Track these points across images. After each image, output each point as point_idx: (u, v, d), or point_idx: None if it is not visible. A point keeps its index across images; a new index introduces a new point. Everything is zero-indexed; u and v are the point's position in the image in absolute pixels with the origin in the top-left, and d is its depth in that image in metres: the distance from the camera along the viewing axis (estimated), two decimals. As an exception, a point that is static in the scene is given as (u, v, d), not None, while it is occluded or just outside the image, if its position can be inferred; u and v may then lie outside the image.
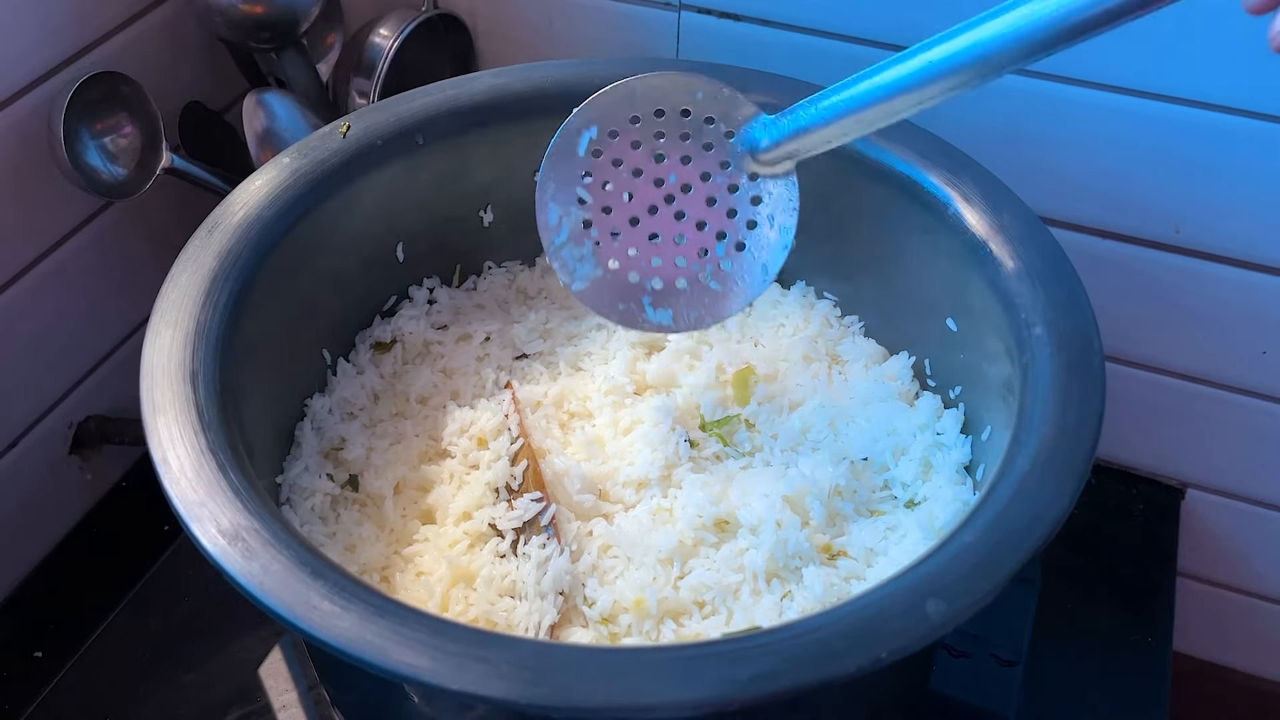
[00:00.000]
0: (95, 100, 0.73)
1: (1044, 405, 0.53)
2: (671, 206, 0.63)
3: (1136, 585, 0.82)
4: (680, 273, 0.63)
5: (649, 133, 0.62)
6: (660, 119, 0.62)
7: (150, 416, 0.52)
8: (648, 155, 0.62)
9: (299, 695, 0.71)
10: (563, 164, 0.62)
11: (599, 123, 0.62)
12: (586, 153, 0.62)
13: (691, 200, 0.62)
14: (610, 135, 0.62)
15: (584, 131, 0.62)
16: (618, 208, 0.63)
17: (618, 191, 0.62)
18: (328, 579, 0.46)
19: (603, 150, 0.62)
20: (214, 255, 0.60)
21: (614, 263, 0.63)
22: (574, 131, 0.62)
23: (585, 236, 0.63)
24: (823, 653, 0.44)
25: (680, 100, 0.61)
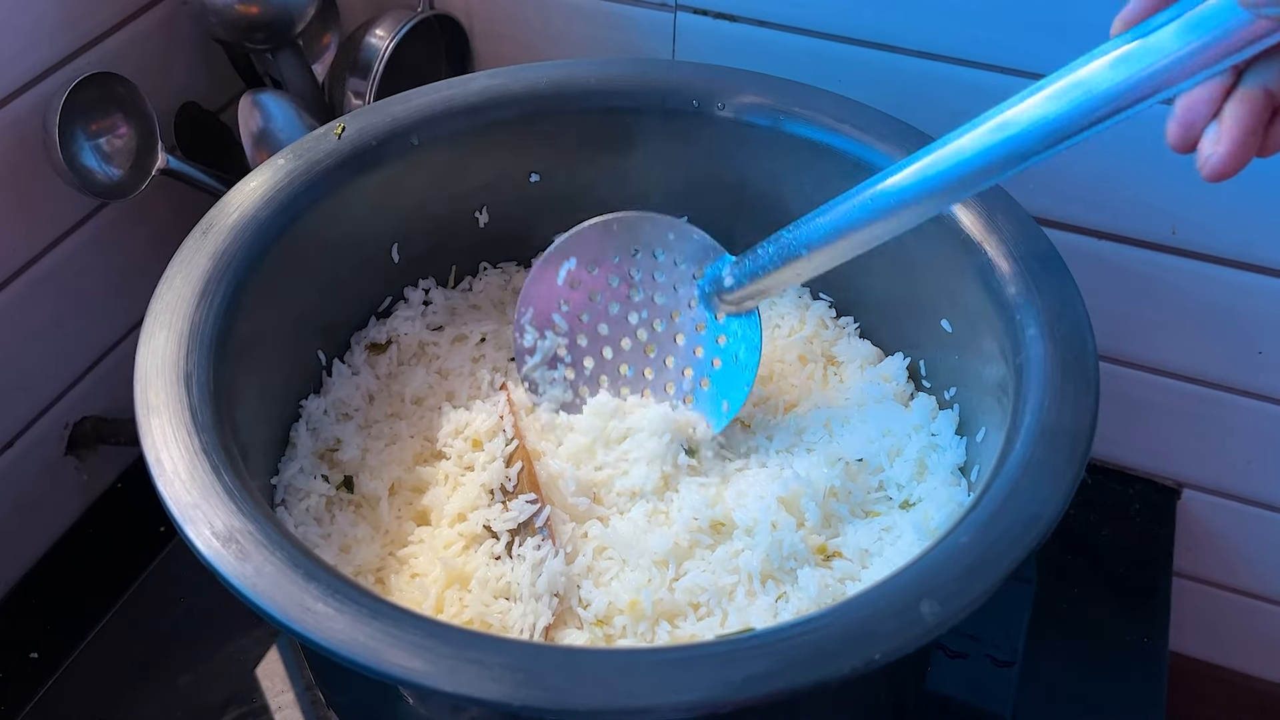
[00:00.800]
0: (90, 101, 0.73)
1: (1038, 406, 0.53)
2: (641, 342, 0.67)
3: (1133, 585, 0.82)
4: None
5: (625, 269, 0.66)
6: (635, 256, 0.66)
7: (144, 418, 0.52)
8: (623, 291, 0.67)
9: (295, 696, 0.71)
10: (542, 291, 0.67)
11: (578, 254, 0.66)
12: (565, 283, 0.67)
13: (661, 337, 0.67)
14: (588, 268, 0.65)
15: (564, 262, 0.66)
16: (591, 339, 0.67)
17: (593, 323, 0.67)
18: (322, 581, 0.46)
19: (580, 282, 0.66)
20: (209, 256, 0.60)
21: (585, 391, 0.67)
22: (555, 260, 0.66)
23: (559, 362, 0.67)
24: (817, 654, 0.44)
25: (654, 240, 0.66)
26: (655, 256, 0.66)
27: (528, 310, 0.67)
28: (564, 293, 0.67)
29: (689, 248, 0.65)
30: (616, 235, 0.66)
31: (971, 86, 0.74)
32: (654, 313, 0.67)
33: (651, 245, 0.66)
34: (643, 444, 0.64)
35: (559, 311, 0.67)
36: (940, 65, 0.75)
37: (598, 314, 0.67)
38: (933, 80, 0.75)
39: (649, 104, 0.72)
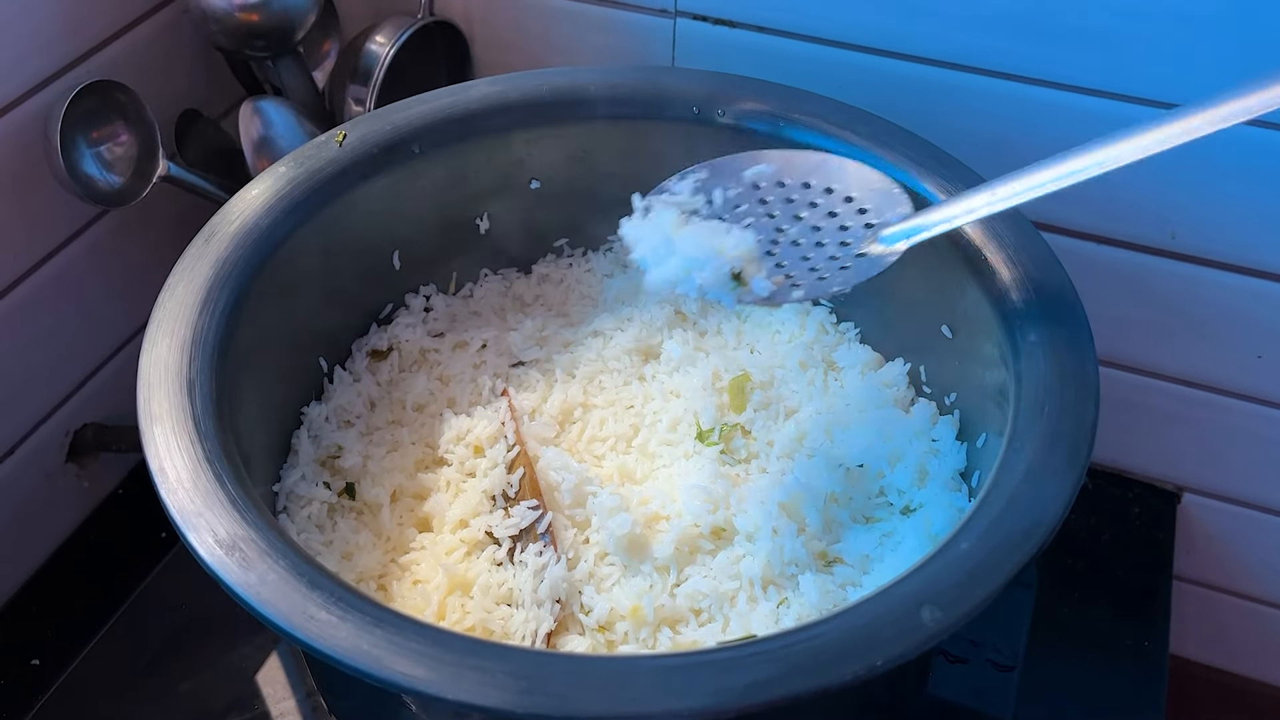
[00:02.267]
0: (92, 109, 0.73)
1: (1038, 411, 0.53)
2: (788, 236, 0.61)
3: (1133, 589, 0.82)
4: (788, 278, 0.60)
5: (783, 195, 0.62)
6: (807, 190, 0.62)
7: (147, 426, 0.52)
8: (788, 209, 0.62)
9: (296, 703, 0.71)
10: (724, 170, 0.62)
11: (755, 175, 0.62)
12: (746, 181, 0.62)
13: (805, 236, 0.61)
14: (754, 186, 0.62)
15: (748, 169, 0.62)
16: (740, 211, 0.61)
17: (750, 209, 0.62)
18: (324, 588, 0.46)
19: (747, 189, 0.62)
20: (210, 264, 0.60)
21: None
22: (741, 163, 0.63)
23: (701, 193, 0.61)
24: (819, 660, 0.44)
25: (830, 179, 0.62)
26: (826, 193, 0.61)
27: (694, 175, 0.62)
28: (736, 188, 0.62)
29: (868, 195, 0.60)
30: (794, 169, 0.62)
31: (971, 92, 0.75)
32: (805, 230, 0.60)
33: (824, 183, 0.61)
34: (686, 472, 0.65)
35: (715, 196, 0.61)
36: (939, 71, 0.75)
37: (754, 212, 0.61)
38: (932, 86, 0.75)
39: (649, 110, 0.72)
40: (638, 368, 0.71)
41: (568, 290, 0.77)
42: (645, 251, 0.59)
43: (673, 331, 0.73)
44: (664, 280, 0.58)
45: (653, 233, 0.59)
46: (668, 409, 0.67)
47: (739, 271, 0.58)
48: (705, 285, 0.57)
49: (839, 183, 0.61)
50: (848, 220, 0.60)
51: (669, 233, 0.58)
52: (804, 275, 0.58)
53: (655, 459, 0.66)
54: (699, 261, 0.57)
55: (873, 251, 0.58)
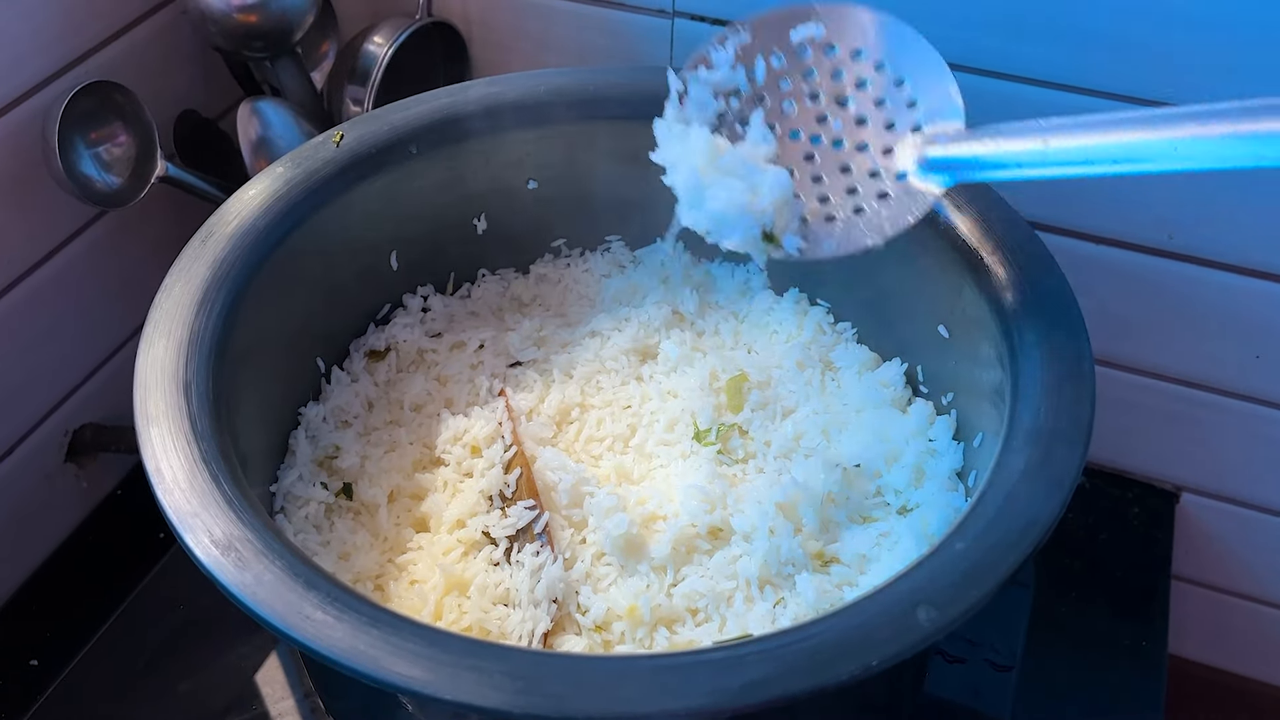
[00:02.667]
0: (90, 109, 0.73)
1: (1035, 411, 0.53)
2: (829, 132, 0.57)
3: (1131, 589, 0.82)
4: (823, 205, 0.56)
5: (827, 64, 0.57)
6: (856, 61, 0.56)
7: (144, 427, 0.52)
8: (824, 77, 0.57)
9: (295, 703, 0.71)
10: (765, 34, 0.57)
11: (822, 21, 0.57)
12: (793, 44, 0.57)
13: (848, 134, 0.56)
14: (799, 52, 0.57)
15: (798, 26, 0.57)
16: (774, 103, 0.57)
17: (787, 94, 0.57)
18: (321, 589, 0.46)
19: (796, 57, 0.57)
20: (208, 264, 0.60)
21: (744, 126, 0.58)
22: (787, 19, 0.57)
23: (729, 96, 0.58)
24: (815, 660, 0.44)
25: (880, 50, 0.56)
26: (876, 70, 0.56)
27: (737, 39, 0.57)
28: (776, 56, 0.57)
29: (921, 84, 0.55)
30: (848, 30, 0.56)
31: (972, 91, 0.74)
32: (844, 114, 0.56)
33: (875, 56, 0.56)
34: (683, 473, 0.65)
35: (757, 68, 0.56)
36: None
37: (796, 92, 0.56)
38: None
39: (647, 110, 0.71)
40: (635, 368, 0.71)
41: (565, 291, 0.77)
42: (678, 182, 0.57)
43: (670, 332, 0.73)
44: (695, 226, 0.56)
45: (684, 161, 0.56)
46: (665, 409, 0.67)
47: (770, 231, 0.55)
48: (735, 248, 0.56)
49: (892, 58, 0.55)
50: (894, 114, 0.55)
51: (700, 172, 0.55)
52: (840, 198, 0.54)
53: (652, 459, 0.66)
54: (730, 222, 0.55)
55: (913, 177, 0.53)
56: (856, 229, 0.54)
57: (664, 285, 0.75)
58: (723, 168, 0.55)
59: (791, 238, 0.54)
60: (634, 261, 0.77)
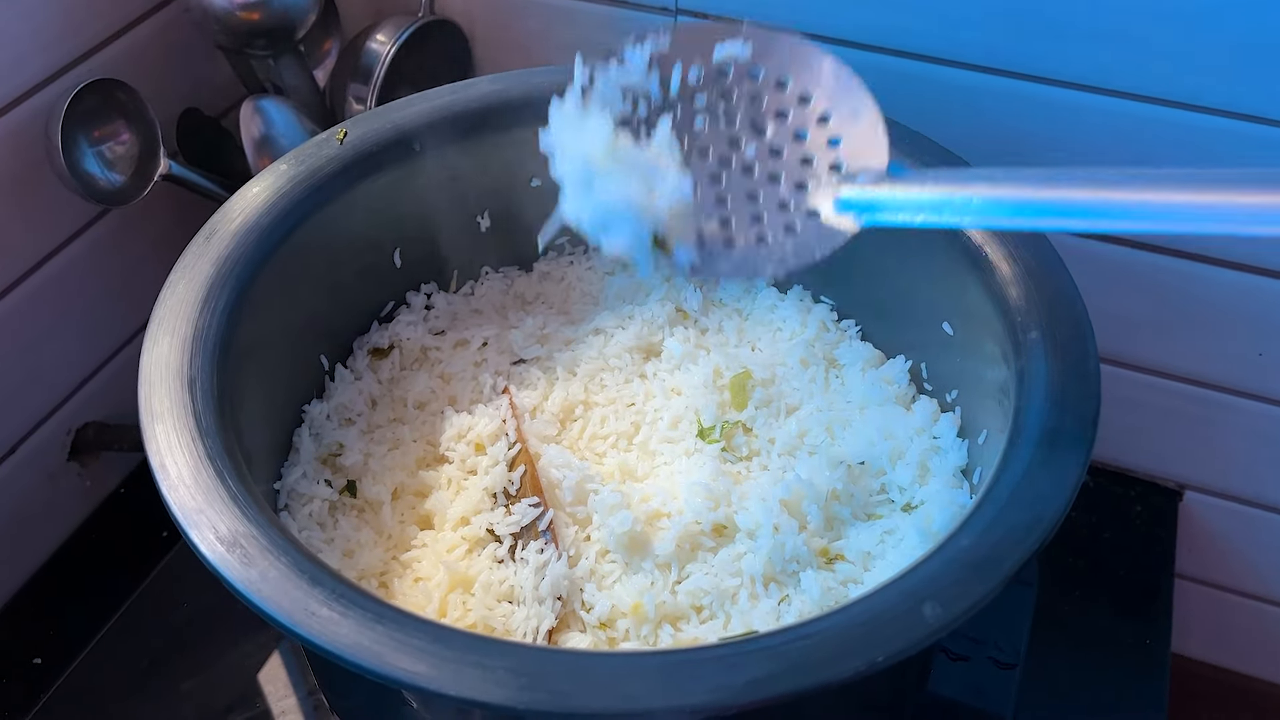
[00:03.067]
0: (93, 107, 0.73)
1: (1040, 409, 0.53)
2: (740, 157, 0.53)
3: (1134, 587, 0.82)
4: (723, 228, 0.52)
5: (747, 91, 0.53)
6: (780, 91, 0.52)
7: (148, 423, 0.52)
8: (744, 112, 0.53)
9: (298, 701, 0.71)
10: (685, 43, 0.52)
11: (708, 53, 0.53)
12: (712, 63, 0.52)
13: (760, 162, 0.52)
14: (720, 71, 0.53)
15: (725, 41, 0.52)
16: (685, 114, 0.53)
17: (703, 109, 0.53)
18: (326, 585, 0.46)
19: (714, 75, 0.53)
20: (211, 262, 0.60)
21: (652, 124, 0.53)
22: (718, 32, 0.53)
23: (635, 98, 0.53)
24: (820, 657, 0.44)
25: (809, 82, 0.52)
26: (800, 103, 0.51)
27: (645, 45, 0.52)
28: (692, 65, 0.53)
29: (847, 120, 0.51)
30: (772, 56, 0.52)
31: (976, 90, 0.75)
32: (761, 143, 0.52)
33: (802, 88, 0.51)
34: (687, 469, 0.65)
35: (673, 77, 0.52)
36: (941, 69, 0.75)
37: (710, 110, 0.52)
38: (933, 84, 0.75)
39: (650, 108, 0.72)
40: (639, 365, 0.71)
41: (569, 288, 0.77)
42: (566, 171, 0.51)
43: (674, 329, 0.73)
44: (578, 220, 0.51)
45: (576, 148, 0.50)
46: (669, 406, 0.67)
47: (663, 237, 0.50)
48: (619, 250, 0.50)
49: (819, 90, 0.51)
50: (814, 149, 0.51)
51: (593, 160, 0.50)
52: (744, 225, 0.50)
53: (656, 456, 0.66)
54: (617, 218, 0.50)
55: (826, 215, 0.49)
56: (757, 256, 0.51)
57: (667, 282, 0.75)
58: (620, 159, 0.51)
59: (684, 248, 0.50)
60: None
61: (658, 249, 0.51)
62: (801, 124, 0.51)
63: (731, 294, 0.75)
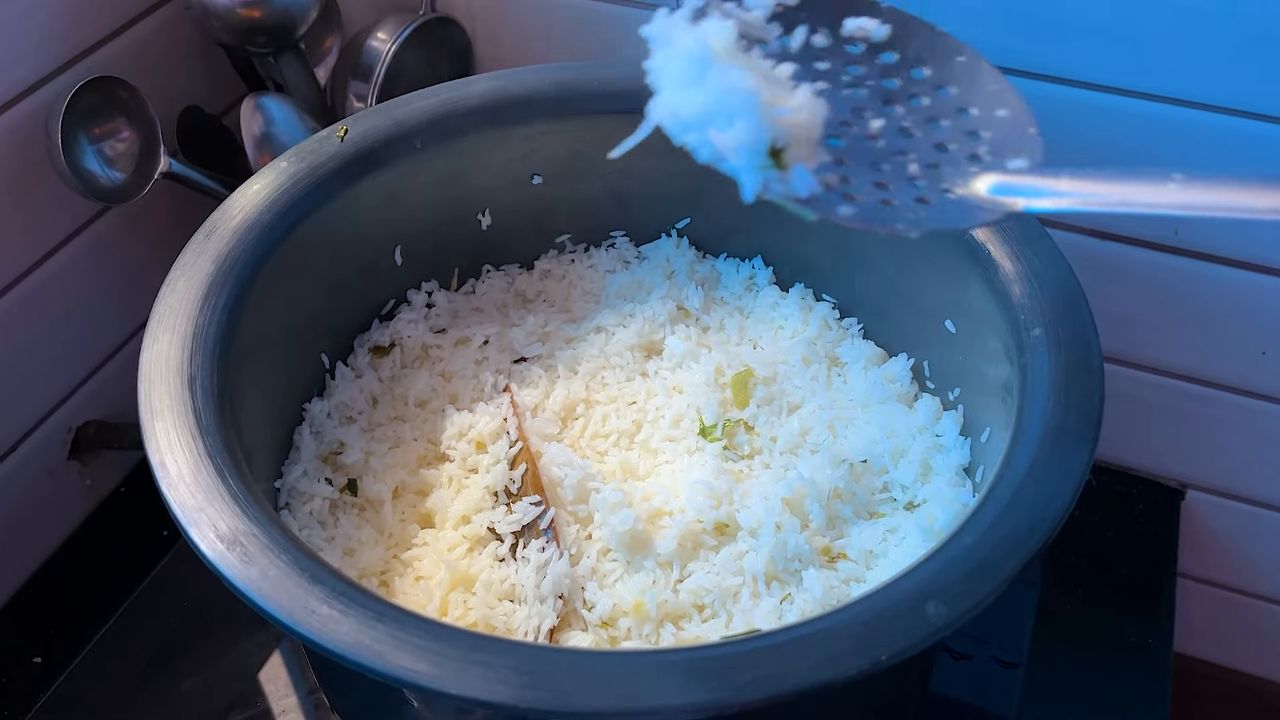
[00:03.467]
0: (93, 105, 0.73)
1: (1043, 407, 0.53)
2: (864, 127, 0.46)
3: (1137, 586, 0.82)
4: (843, 183, 0.44)
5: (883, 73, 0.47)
6: (914, 79, 0.46)
7: (148, 421, 0.52)
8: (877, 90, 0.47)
9: (298, 700, 0.71)
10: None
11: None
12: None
13: (885, 137, 0.46)
14: (848, 43, 0.46)
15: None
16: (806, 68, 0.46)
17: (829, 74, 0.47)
18: (326, 584, 0.46)
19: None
20: (212, 259, 0.60)
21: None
22: None
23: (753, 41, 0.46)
24: (822, 655, 0.44)
25: (947, 74, 0.47)
26: (936, 89, 0.46)
27: None
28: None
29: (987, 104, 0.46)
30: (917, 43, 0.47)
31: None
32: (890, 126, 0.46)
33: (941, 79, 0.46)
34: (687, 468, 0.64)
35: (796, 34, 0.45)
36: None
37: (835, 75, 0.45)
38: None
39: (652, 106, 0.72)
40: (640, 364, 0.71)
41: (570, 286, 0.76)
42: (667, 63, 0.43)
43: (675, 327, 0.72)
44: (672, 114, 0.42)
45: (688, 43, 0.42)
46: (670, 405, 0.67)
47: (781, 148, 0.42)
48: (725, 149, 0.41)
49: (960, 85, 0.46)
50: (951, 138, 0.45)
51: (710, 52, 0.42)
52: (865, 189, 0.43)
53: (658, 455, 0.66)
54: (731, 110, 0.41)
55: (969, 195, 0.43)
56: (884, 212, 0.44)
57: (669, 281, 0.75)
58: (742, 60, 0.42)
59: (804, 172, 0.41)
60: (638, 257, 0.77)
61: (772, 161, 0.42)
62: (938, 112, 0.46)
63: (733, 292, 0.75)
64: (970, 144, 0.45)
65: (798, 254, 0.75)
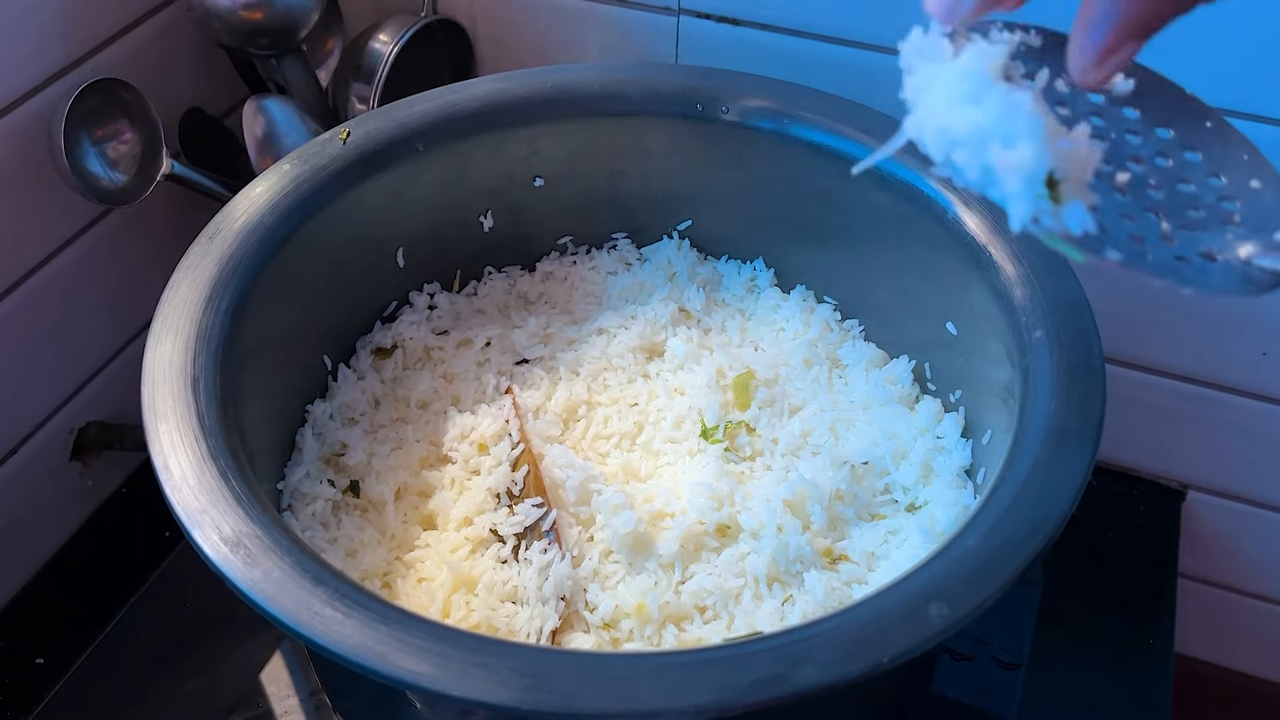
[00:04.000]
0: (95, 107, 0.73)
1: (1045, 408, 0.53)
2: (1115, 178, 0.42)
3: (1138, 587, 0.82)
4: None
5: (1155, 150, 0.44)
6: (1160, 136, 0.45)
7: (152, 423, 0.52)
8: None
9: (300, 701, 0.71)
10: None
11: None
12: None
13: (1134, 192, 0.43)
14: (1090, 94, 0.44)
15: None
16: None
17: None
18: (329, 585, 0.46)
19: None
20: (215, 261, 0.60)
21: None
22: None
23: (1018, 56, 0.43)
24: (824, 658, 0.44)
25: (1194, 137, 0.45)
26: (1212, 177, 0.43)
27: None
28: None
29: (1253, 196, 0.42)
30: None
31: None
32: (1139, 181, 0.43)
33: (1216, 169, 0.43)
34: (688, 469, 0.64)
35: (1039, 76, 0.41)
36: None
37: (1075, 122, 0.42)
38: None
39: (653, 108, 0.72)
40: (642, 365, 0.71)
41: (572, 288, 0.77)
42: (937, 78, 0.40)
43: (677, 329, 0.72)
44: (941, 130, 0.39)
45: (966, 60, 0.40)
46: (672, 406, 0.67)
47: (1058, 180, 0.39)
48: (1003, 170, 0.38)
49: (1206, 151, 0.44)
50: (1200, 203, 0.42)
51: (985, 71, 0.39)
52: (1123, 238, 0.41)
53: (659, 456, 0.66)
54: (1015, 132, 0.38)
55: (1234, 260, 0.40)
56: (1146, 261, 0.41)
57: (670, 282, 0.75)
58: (1019, 88, 0.39)
59: (1079, 207, 0.39)
60: (640, 259, 0.77)
61: (1049, 191, 0.39)
62: (1185, 173, 0.43)
63: (734, 294, 0.76)
64: (1223, 209, 0.42)
65: (799, 256, 0.75)
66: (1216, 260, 0.41)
